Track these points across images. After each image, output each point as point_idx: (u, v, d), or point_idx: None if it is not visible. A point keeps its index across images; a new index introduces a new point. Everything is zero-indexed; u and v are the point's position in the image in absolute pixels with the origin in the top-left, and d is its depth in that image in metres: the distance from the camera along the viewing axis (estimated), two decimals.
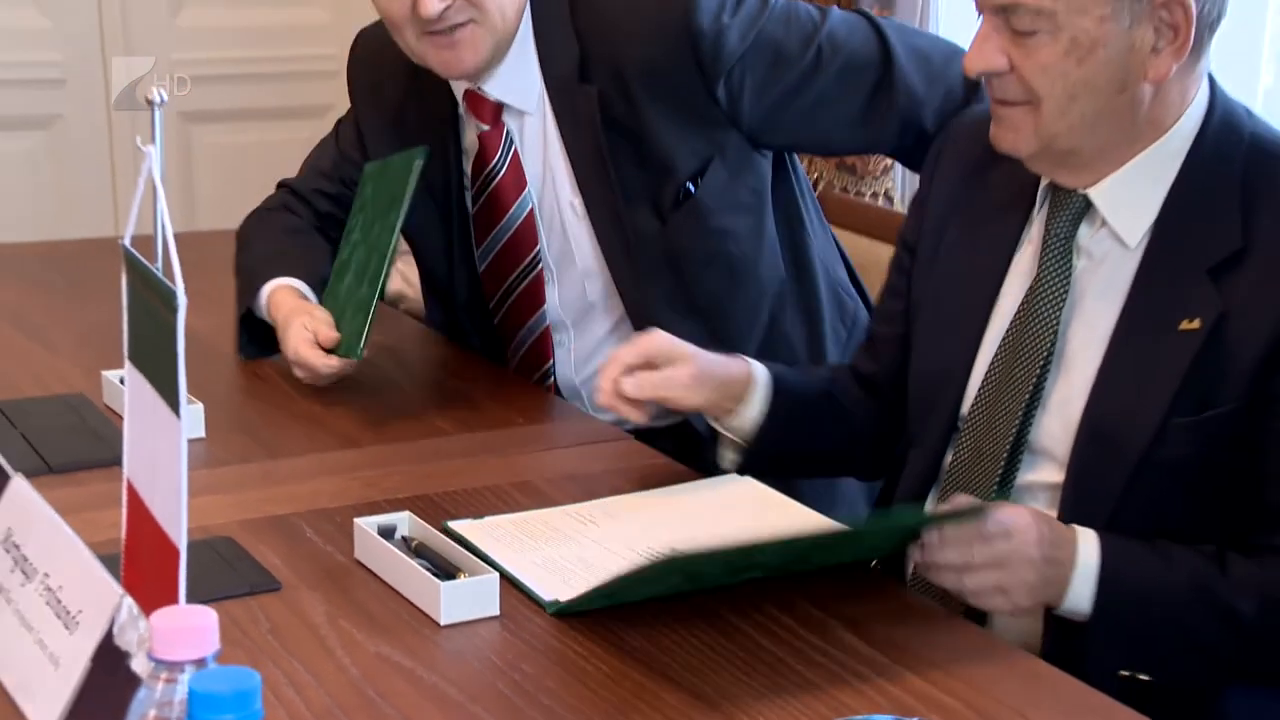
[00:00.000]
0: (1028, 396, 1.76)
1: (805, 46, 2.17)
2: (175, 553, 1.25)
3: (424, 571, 1.58)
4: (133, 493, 1.37)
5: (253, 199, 2.88)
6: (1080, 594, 1.65)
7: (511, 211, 2.29)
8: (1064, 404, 1.74)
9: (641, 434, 2.10)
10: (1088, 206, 1.73)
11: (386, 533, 1.68)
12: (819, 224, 2.42)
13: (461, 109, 2.32)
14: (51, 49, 4.29)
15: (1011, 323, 1.79)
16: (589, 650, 1.50)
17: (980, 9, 1.70)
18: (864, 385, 2.04)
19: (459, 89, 2.29)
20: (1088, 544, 1.67)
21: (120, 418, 1.39)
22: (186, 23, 4.19)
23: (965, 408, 1.84)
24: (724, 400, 1.91)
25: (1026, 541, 1.62)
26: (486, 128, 2.28)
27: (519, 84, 2.24)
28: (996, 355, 1.80)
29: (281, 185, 2.62)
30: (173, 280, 1.22)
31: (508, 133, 2.27)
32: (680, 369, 1.87)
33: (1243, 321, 1.64)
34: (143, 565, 1.34)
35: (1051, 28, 1.63)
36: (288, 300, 2.33)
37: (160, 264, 1.26)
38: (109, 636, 1.30)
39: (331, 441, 2.05)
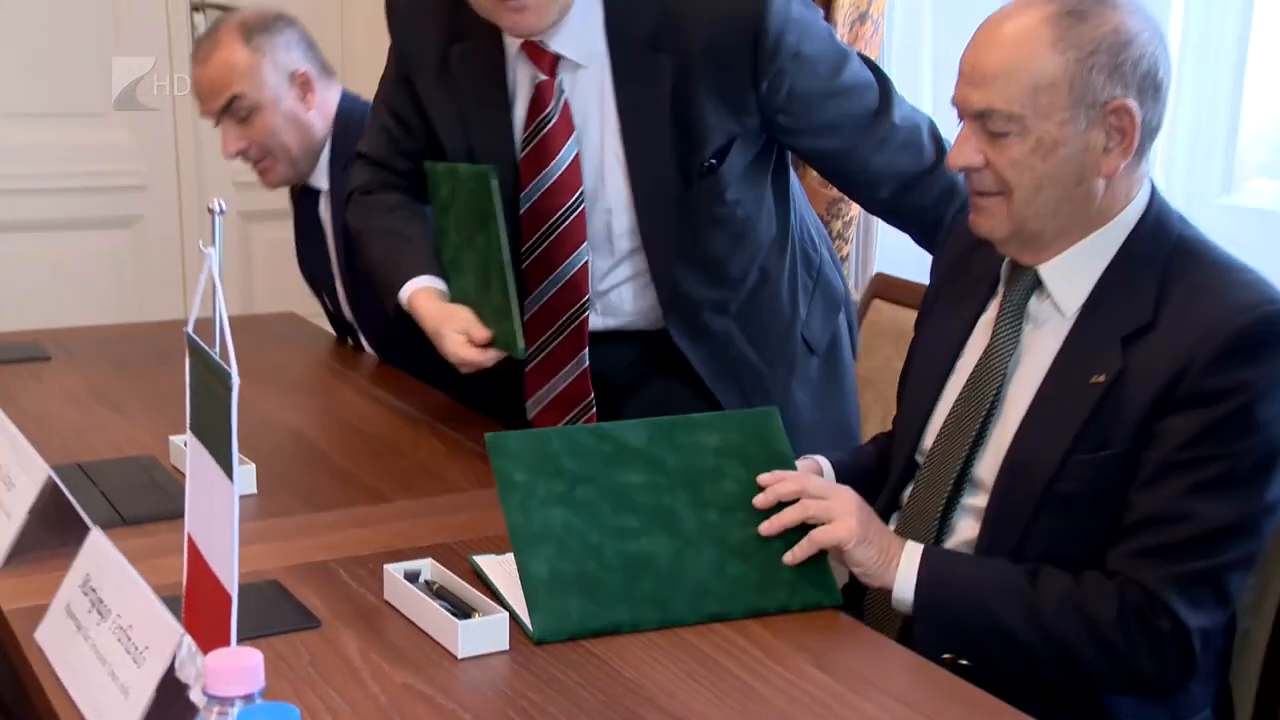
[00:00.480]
0: (974, 436, 1.81)
1: (835, 73, 2.20)
2: (228, 598, 1.26)
3: (444, 611, 1.58)
4: (192, 545, 1.37)
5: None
6: (905, 575, 1.72)
7: (560, 155, 2.22)
8: (999, 443, 1.78)
9: None
10: (1038, 281, 1.77)
11: (412, 577, 1.68)
12: (798, 196, 2.43)
13: (513, 54, 2.23)
14: (134, 160, 4.30)
15: (969, 377, 1.84)
16: (587, 680, 1.51)
17: (961, 116, 1.75)
18: None
19: (516, 41, 2.21)
20: (912, 544, 1.75)
21: (184, 476, 1.39)
22: None
23: (925, 446, 1.88)
24: None
25: (848, 494, 1.77)
26: (544, 77, 2.21)
27: (581, 41, 2.19)
28: (955, 404, 1.85)
29: (358, 155, 2.48)
30: (228, 362, 1.24)
31: (559, 82, 2.21)
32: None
33: (1138, 378, 1.68)
34: (200, 608, 1.34)
35: (1020, 130, 1.69)
36: (430, 306, 2.27)
37: (218, 348, 1.27)
38: (171, 670, 1.33)
39: (364, 496, 2.04)
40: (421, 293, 2.28)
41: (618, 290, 2.30)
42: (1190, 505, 1.66)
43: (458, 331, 2.18)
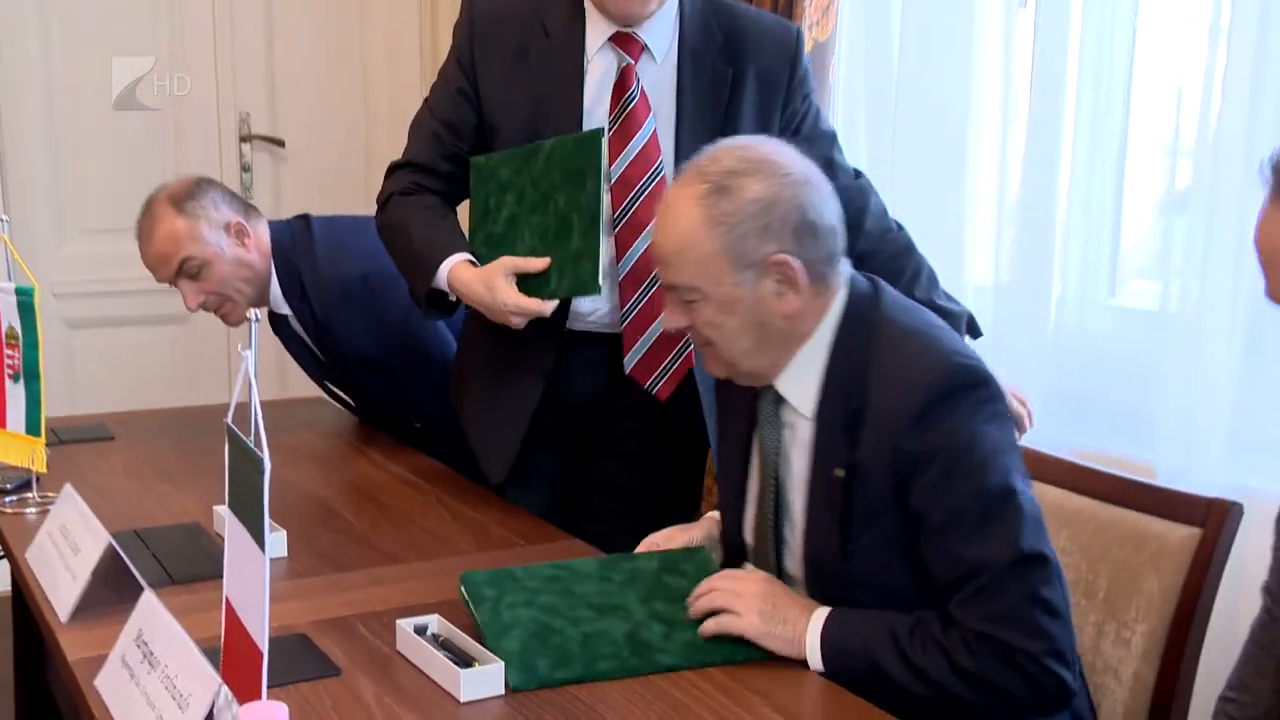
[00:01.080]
0: (774, 539, 1.82)
1: (821, 118, 2.35)
2: (259, 654, 1.26)
3: (448, 661, 1.58)
4: (229, 605, 1.37)
5: None
6: (813, 648, 1.68)
7: (642, 129, 2.21)
8: (794, 543, 1.79)
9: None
10: (778, 394, 1.77)
11: (420, 630, 1.68)
12: None
13: (598, 42, 2.22)
14: None
15: (759, 482, 1.85)
16: None
17: (663, 288, 1.79)
18: None
19: (607, 32, 2.21)
20: (819, 610, 1.71)
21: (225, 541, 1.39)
22: None
23: (746, 540, 1.90)
24: None
25: (755, 577, 1.75)
26: (631, 61, 2.22)
27: (661, 39, 2.22)
28: (754, 507, 1.87)
29: (396, 167, 2.37)
30: (260, 449, 1.23)
31: (637, 69, 2.22)
32: None
33: (870, 462, 1.67)
34: (236, 662, 1.34)
35: (702, 296, 1.72)
36: (471, 270, 2.19)
37: (253, 436, 1.27)
38: (210, 716, 1.31)
39: (380, 559, 2.03)
40: (461, 264, 2.21)
41: None
42: (967, 556, 1.63)
43: (507, 274, 2.13)
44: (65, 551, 1.90)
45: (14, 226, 3.86)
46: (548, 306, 2.13)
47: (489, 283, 2.14)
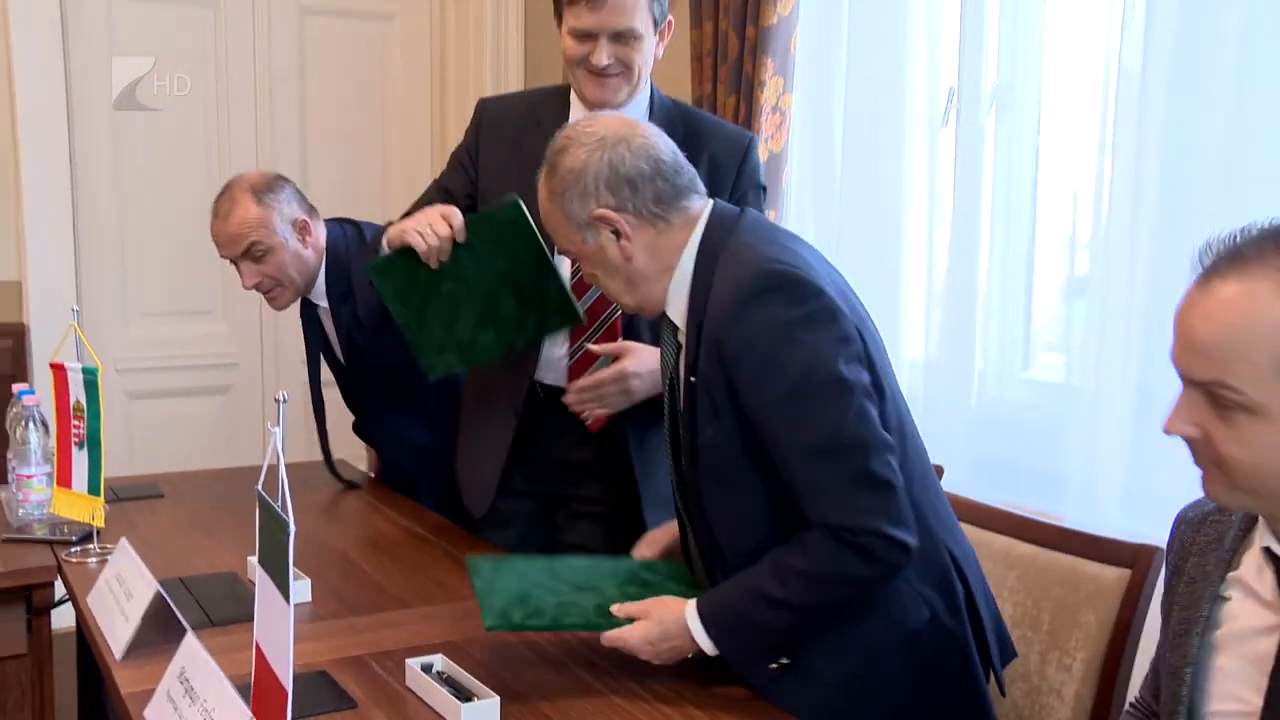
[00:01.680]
0: (670, 445, 1.81)
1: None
2: (284, 692, 1.26)
3: (451, 696, 1.57)
4: (259, 648, 1.36)
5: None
6: (701, 635, 1.63)
7: None
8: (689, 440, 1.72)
9: None
10: (672, 322, 1.75)
11: (426, 668, 1.67)
12: None
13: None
14: (230, 345, 4.32)
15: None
16: None
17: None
18: None
19: (582, 112, 2.20)
20: (690, 603, 1.65)
21: None
22: None
23: None
24: None
25: (649, 623, 1.66)
26: None
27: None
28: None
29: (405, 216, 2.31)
30: (286, 514, 1.24)
31: None
32: None
33: (706, 368, 1.64)
34: (264, 698, 1.33)
35: (575, 256, 1.78)
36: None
37: (280, 502, 1.27)
38: None
39: (392, 604, 2.02)
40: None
41: None
42: (790, 446, 1.58)
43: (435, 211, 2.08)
44: (120, 597, 1.89)
45: (85, 311, 3.90)
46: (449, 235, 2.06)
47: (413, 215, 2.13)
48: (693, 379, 1.67)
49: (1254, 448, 1.24)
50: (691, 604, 1.65)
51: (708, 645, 1.63)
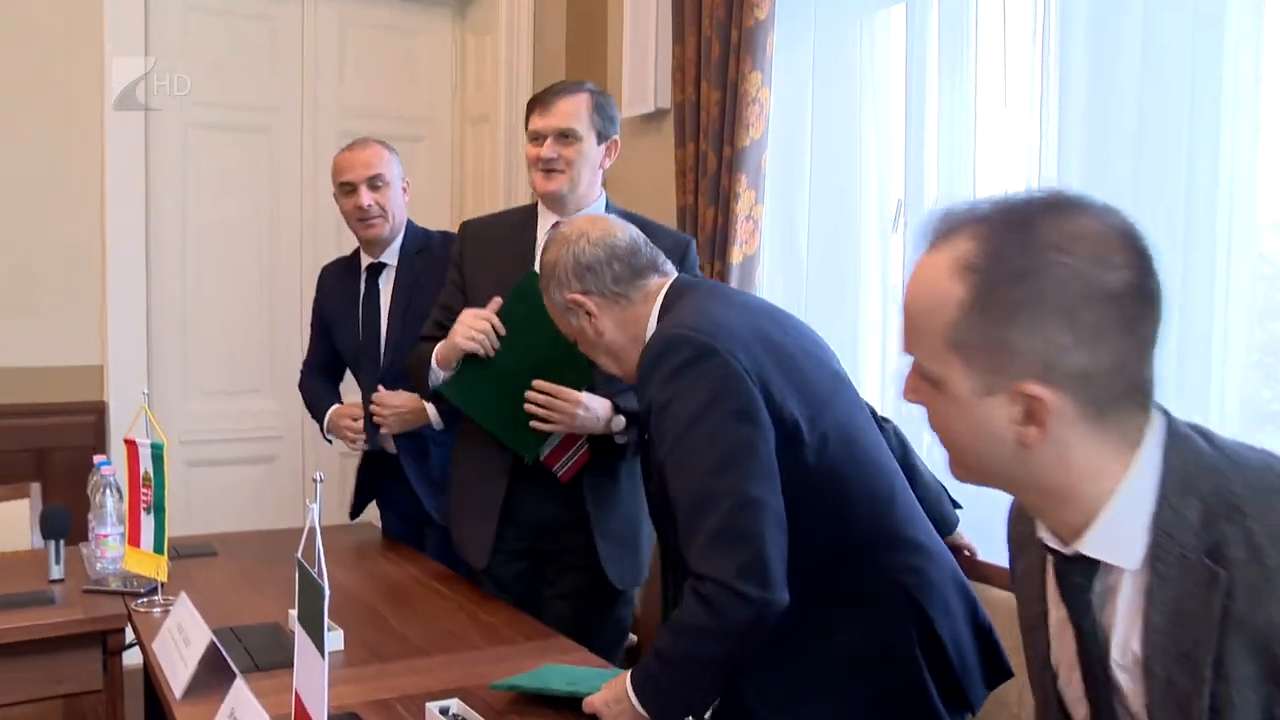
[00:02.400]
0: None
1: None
2: None
3: None
4: (297, 695, 1.38)
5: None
6: (633, 697, 1.56)
7: None
8: None
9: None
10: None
11: (444, 711, 1.68)
12: None
13: (543, 233, 2.29)
14: (276, 419, 4.35)
15: None
16: None
17: None
18: None
19: (550, 221, 2.30)
20: (630, 670, 1.60)
21: None
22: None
23: None
24: None
25: (595, 704, 1.60)
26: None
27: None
28: None
29: (423, 338, 2.38)
30: (322, 579, 1.27)
31: None
32: None
33: (644, 426, 1.64)
34: None
35: (568, 329, 1.83)
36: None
37: (316, 569, 1.30)
38: None
39: (414, 652, 2.02)
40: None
41: None
42: (674, 499, 1.52)
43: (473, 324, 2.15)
44: (179, 643, 1.92)
45: (154, 390, 3.95)
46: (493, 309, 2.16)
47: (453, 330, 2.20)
48: (647, 436, 1.64)
49: (943, 423, 1.09)
50: (630, 670, 1.60)
51: (639, 706, 1.56)
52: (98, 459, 2.54)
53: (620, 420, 2.18)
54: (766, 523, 1.46)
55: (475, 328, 2.15)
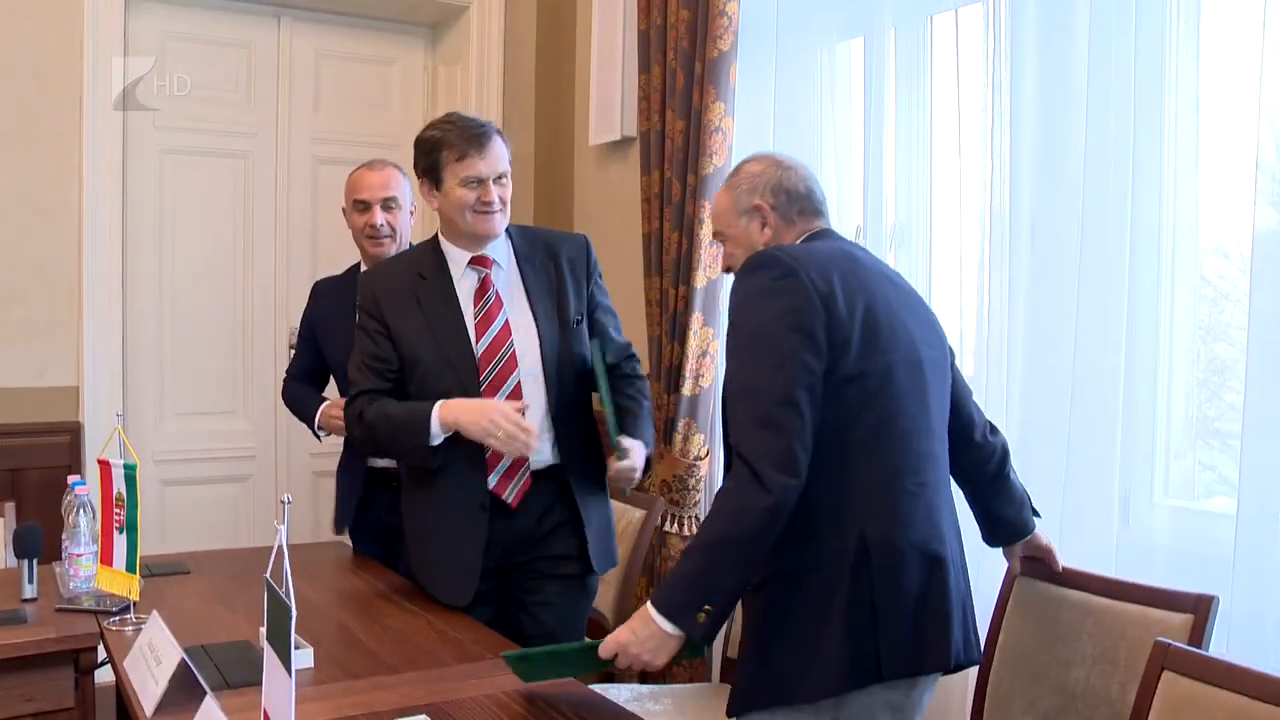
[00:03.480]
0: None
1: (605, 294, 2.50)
2: None
3: None
4: (265, 713, 1.37)
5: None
6: (653, 612, 1.67)
7: (498, 318, 2.30)
8: None
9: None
10: None
11: None
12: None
13: (461, 270, 2.32)
14: (249, 440, 4.30)
15: None
16: None
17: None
18: None
19: (465, 258, 2.32)
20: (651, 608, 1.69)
21: None
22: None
23: None
24: None
25: (619, 638, 1.71)
26: (488, 271, 2.33)
27: (501, 254, 2.35)
28: None
29: (352, 399, 2.33)
30: (290, 599, 1.25)
31: (493, 275, 2.34)
32: None
33: None
34: None
35: (726, 236, 1.96)
36: (464, 400, 2.19)
37: (284, 589, 1.28)
38: None
39: (383, 669, 2.00)
40: (446, 401, 2.20)
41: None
42: (731, 382, 1.71)
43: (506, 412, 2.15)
44: (151, 662, 1.89)
45: (129, 410, 3.90)
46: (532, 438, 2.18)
47: (484, 408, 2.18)
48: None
49: None
50: (646, 604, 1.70)
51: (657, 617, 1.66)
52: (72, 479, 2.50)
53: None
54: (799, 424, 1.63)
55: (524, 433, 2.15)
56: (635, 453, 2.28)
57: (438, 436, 2.21)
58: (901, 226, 2.79)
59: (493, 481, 2.30)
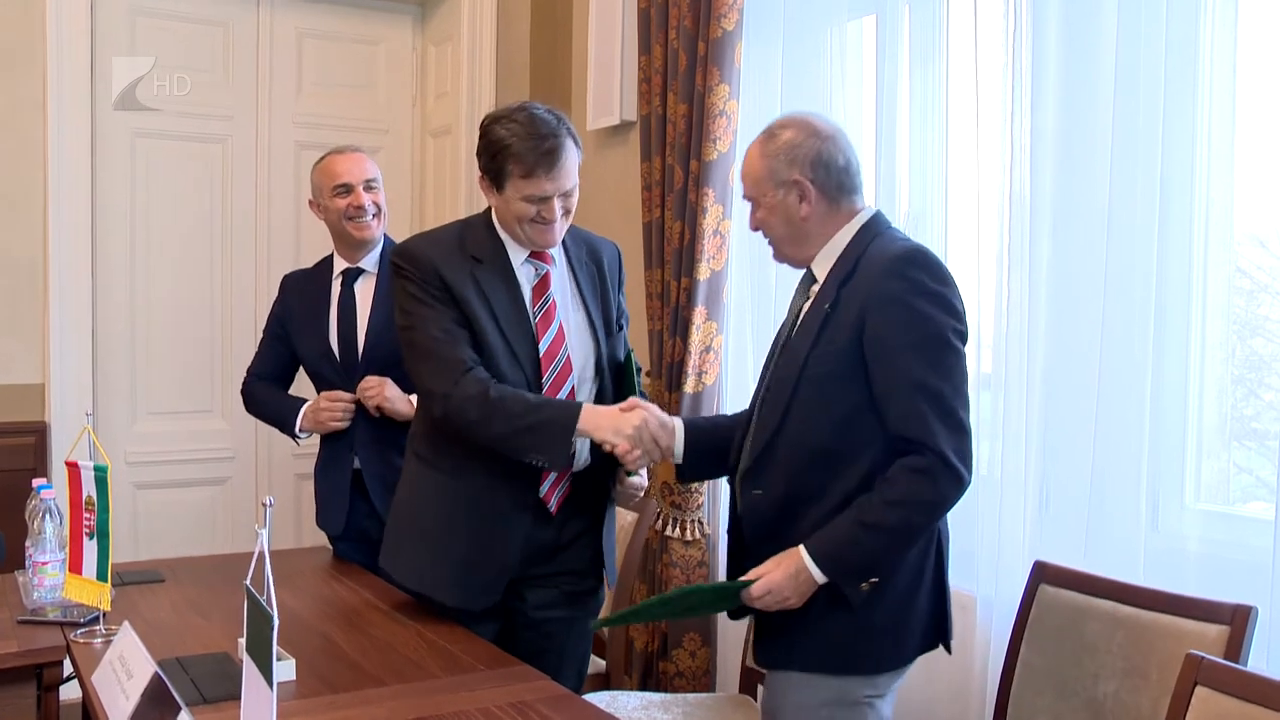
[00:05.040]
0: (769, 364, 2.09)
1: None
2: None
3: None
4: None
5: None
6: (813, 566, 1.87)
7: (555, 317, 2.30)
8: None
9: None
10: (811, 271, 2.05)
11: None
12: None
13: (519, 259, 2.30)
14: (227, 440, 4.30)
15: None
16: None
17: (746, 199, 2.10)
18: None
19: (524, 253, 2.30)
20: (801, 546, 1.89)
21: None
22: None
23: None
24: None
25: (775, 580, 1.90)
26: (548, 269, 2.32)
27: (556, 252, 2.36)
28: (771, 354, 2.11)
29: (460, 375, 2.20)
30: (271, 608, 1.24)
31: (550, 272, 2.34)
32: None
33: (846, 303, 1.92)
34: None
35: (758, 205, 2.03)
36: (597, 410, 2.23)
37: (265, 597, 1.27)
38: None
39: (369, 682, 1.99)
40: (589, 407, 2.21)
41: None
42: (911, 376, 1.84)
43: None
44: (122, 676, 1.87)
45: (99, 409, 3.88)
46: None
47: (614, 411, 2.22)
48: (827, 307, 1.94)
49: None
50: (801, 547, 1.89)
51: (818, 573, 1.87)
52: (37, 482, 2.48)
53: None
54: (969, 424, 1.88)
55: (656, 440, 2.22)
56: (644, 469, 2.34)
57: (572, 445, 2.18)
58: (916, 213, 2.77)
59: (545, 487, 2.30)
